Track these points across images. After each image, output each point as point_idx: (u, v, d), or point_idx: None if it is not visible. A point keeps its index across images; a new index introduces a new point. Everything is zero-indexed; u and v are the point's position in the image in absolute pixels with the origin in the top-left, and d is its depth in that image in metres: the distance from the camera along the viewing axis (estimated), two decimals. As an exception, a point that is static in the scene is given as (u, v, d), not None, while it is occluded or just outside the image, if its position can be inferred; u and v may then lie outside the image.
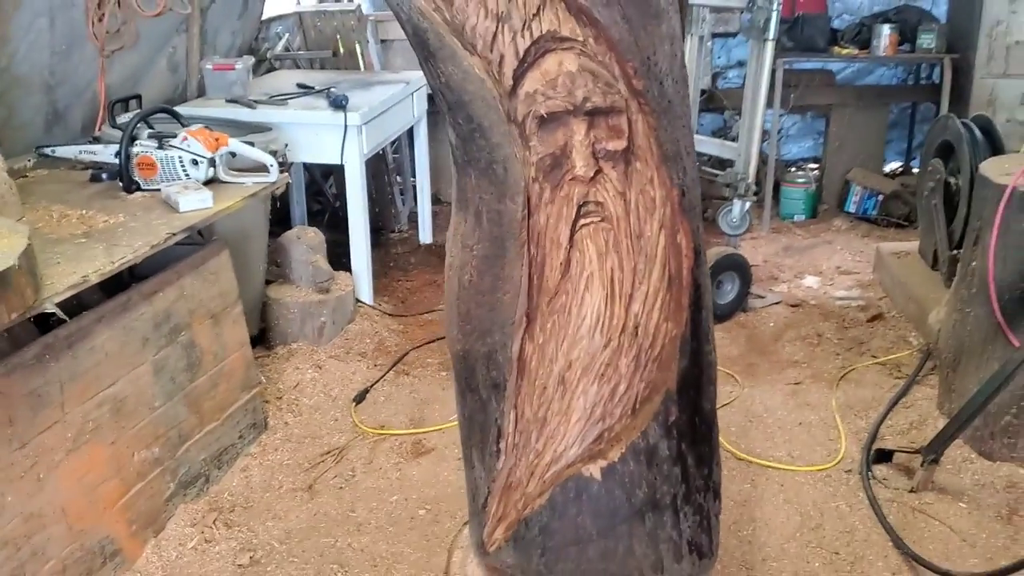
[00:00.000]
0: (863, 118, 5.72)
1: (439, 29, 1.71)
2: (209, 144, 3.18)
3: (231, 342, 3.17)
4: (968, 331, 3.06)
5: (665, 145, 1.83)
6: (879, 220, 5.50)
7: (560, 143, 1.78)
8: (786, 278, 4.75)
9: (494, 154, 1.77)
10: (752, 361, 3.84)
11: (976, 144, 3.88)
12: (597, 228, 1.80)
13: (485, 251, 1.81)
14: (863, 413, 3.40)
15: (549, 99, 1.75)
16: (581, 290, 1.80)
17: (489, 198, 1.80)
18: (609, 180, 1.80)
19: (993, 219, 2.86)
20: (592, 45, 1.77)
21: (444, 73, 1.75)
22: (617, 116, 1.79)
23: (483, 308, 1.82)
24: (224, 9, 4.68)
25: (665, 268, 1.85)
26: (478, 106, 1.74)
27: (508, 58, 1.73)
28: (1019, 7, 4.99)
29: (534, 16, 1.73)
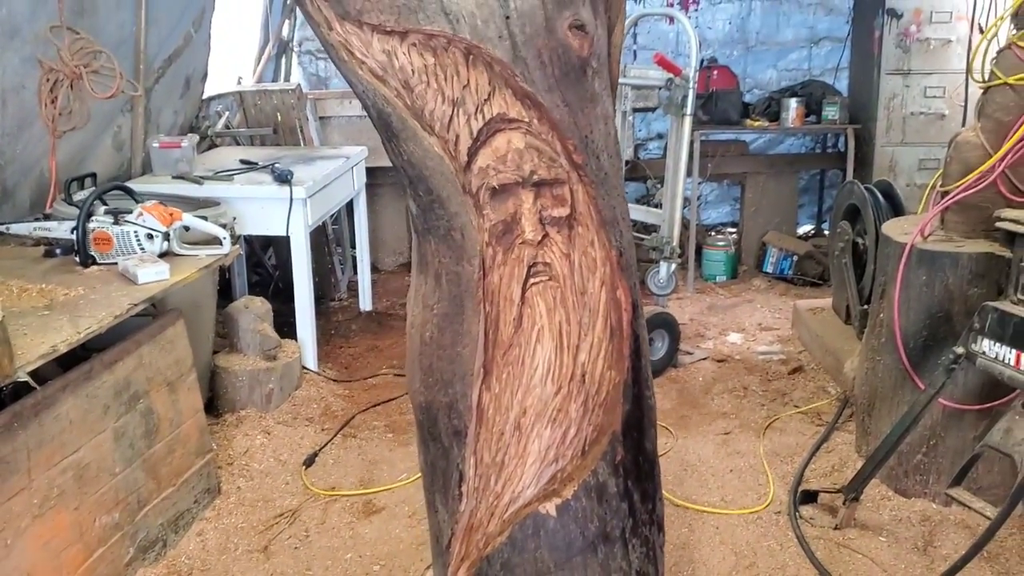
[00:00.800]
0: (775, 185, 6.11)
1: (401, 113, 1.91)
2: (164, 219, 3.31)
3: (186, 409, 3.27)
4: (880, 378, 3.33)
5: (603, 211, 2.05)
6: (795, 279, 5.84)
7: (511, 211, 1.98)
8: (712, 335, 5.01)
9: (452, 222, 1.96)
10: (684, 414, 4.06)
11: (879, 207, 4.22)
12: (546, 286, 2.00)
13: (445, 309, 1.99)
14: (788, 458, 3.63)
15: (500, 173, 1.96)
16: (533, 342, 1.99)
17: (448, 261, 1.99)
18: (555, 243, 2.01)
19: (896, 275, 3.15)
20: (536, 125, 1.99)
21: (406, 151, 1.95)
22: (560, 187, 2.00)
23: (444, 361, 1.99)
24: (167, 89, 4.85)
25: (607, 321, 2.05)
26: (437, 180, 1.94)
27: (463, 137, 1.94)
28: (911, 82, 5.45)
29: (485, 101, 1.95)
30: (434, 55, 1.92)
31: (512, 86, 1.98)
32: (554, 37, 1.97)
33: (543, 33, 1.96)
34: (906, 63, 5.43)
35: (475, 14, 1.90)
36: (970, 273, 3.02)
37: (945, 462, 3.16)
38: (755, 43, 6.54)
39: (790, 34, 6.55)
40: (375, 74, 1.92)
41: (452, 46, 1.93)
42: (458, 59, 1.93)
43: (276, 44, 6.17)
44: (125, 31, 4.36)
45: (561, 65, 1.98)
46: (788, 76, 6.50)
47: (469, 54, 1.94)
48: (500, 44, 1.93)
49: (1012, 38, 2.95)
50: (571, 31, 1.98)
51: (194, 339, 3.78)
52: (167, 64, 4.82)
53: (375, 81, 1.91)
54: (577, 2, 1.99)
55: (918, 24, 5.34)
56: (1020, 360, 2.56)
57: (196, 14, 4.98)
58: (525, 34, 1.94)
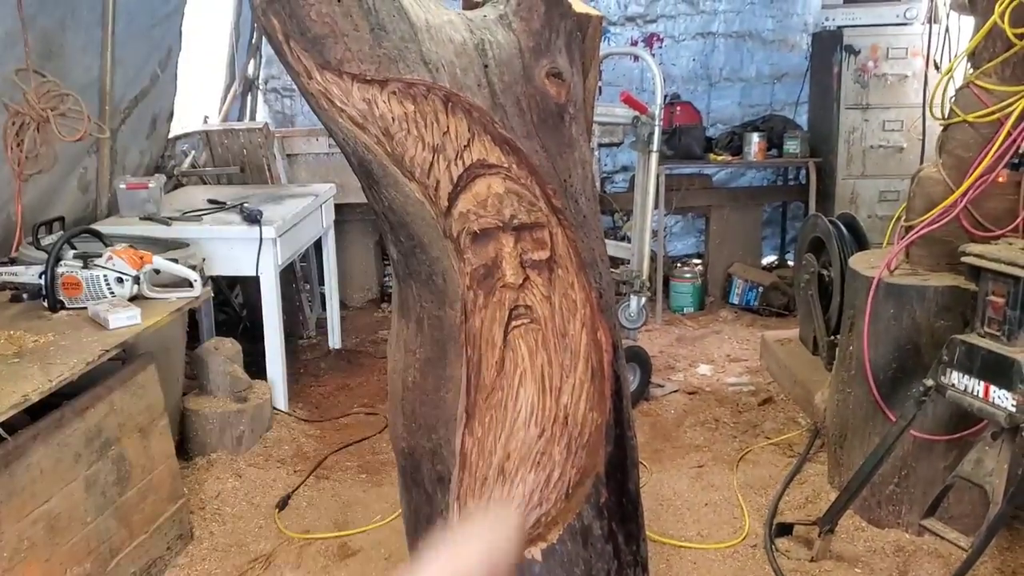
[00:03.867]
0: (739, 217, 6.19)
1: (382, 160, 1.92)
2: (134, 262, 3.29)
3: (158, 454, 3.22)
4: (850, 410, 3.37)
5: (583, 254, 2.07)
6: (761, 310, 5.91)
7: (491, 255, 2.00)
8: (682, 367, 5.05)
9: (433, 267, 1.97)
10: (658, 447, 4.08)
11: (843, 239, 4.30)
12: (527, 329, 2.02)
13: (427, 354, 2.00)
14: (762, 491, 3.66)
15: (480, 217, 1.97)
16: (515, 386, 2.00)
17: (430, 306, 1.99)
18: (536, 286, 2.03)
19: (864, 308, 3.21)
20: (516, 170, 2.01)
21: (387, 197, 1.96)
22: (540, 230, 2.02)
23: (427, 406, 1.99)
24: (133, 130, 4.82)
25: (588, 362, 2.07)
26: (418, 225, 1.96)
27: (443, 183, 1.96)
28: (870, 116, 5.57)
29: (465, 147, 1.97)
30: (414, 103, 1.94)
31: (491, 132, 2.00)
32: (532, 85, 2.00)
33: (521, 81, 1.99)
34: (864, 98, 5.55)
35: (454, 63, 1.92)
36: (937, 306, 3.09)
37: (917, 492, 3.20)
38: (719, 79, 6.65)
39: (753, 70, 6.67)
40: (355, 122, 1.93)
41: (432, 94, 1.95)
42: (437, 106, 1.95)
43: (242, 82, 6.17)
44: (92, 73, 4.34)
45: (539, 112, 2.01)
46: (751, 112, 6.61)
47: (448, 101, 1.96)
48: (479, 92, 1.95)
49: (969, 77, 3.04)
50: (548, 79, 2.02)
51: (164, 382, 3.74)
52: (133, 104, 4.80)
53: (355, 129, 1.93)
54: (554, 50, 2.02)
55: (875, 60, 5.47)
56: (988, 392, 2.62)
57: (162, 54, 4.97)
58: (504, 82, 1.97)
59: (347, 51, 1.88)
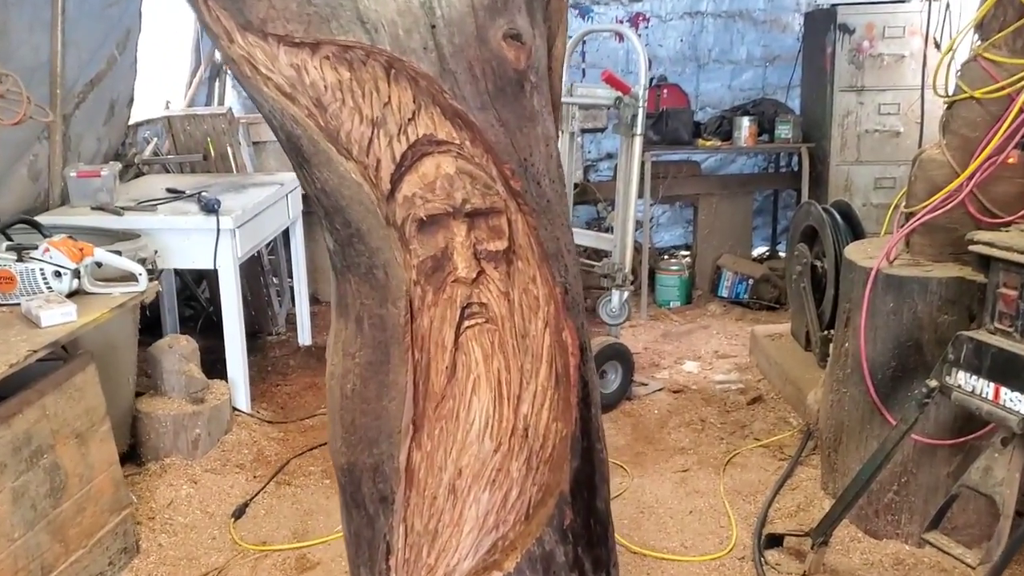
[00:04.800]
0: (729, 206, 5.94)
1: (313, 135, 1.67)
2: (73, 255, 3.04)
3: (99, 462, 2.98)
4: (846, 411, 3.14)
5: (546, 243, 1.83)
6: (751, 303, 5.67)
7: (441, 245, 1.75)
8: (667, 364, 4.81)
9: (374, 259, 1.73)
10: (640, 450, 3.84)
11: (838, 228, 4.06)
12: (482, 329, 1.77)
13: (368, 358, 1.75)
14: (751, 497, 3.43)
15: (428, 202, 1.73)
16: (468, 393, 1.76)
17: (370, 303, 1.75)
18: (492, 281, 1.78)
19: (861, 301, 2.97)
20: (469, 147, 1.77)
21: (319, 179, 1.71)
22: (497, 217, 1.78)
23: (368, 417, 1.75)
24: (89, 115, 4.56)
25: (552, 367, 1.83)
26: (355, 211, 1.71)
27: (385, 162, 1.71)
28: (865, 99, 5.33)
29: (409, 121, 1.72)
30: (350, 69, 1.69)
31: (440, 104, 1.75)
32: (487, 48, 1.75)
33: (474, 44, 1.74)
34: (859, 79, 5.31)
35: (396, 23, 1.67)
36: (940, 299, 2.85)
37: (918, 500, 2.97)
38: (708, 61, 6.40)
39: (743, 52, 6.42)
40: (282, 91, 1.68)
41: (371, 59, 1.70)
42: (377, 73, 1.70)
43: (209, 67, 5.90)
44: (41, 55, 4.08)
45: (495, 79, 1.77)
46: (742, 95, 6.36)
47: (391, 68, 1.71)
48: (425, 56, 1.70)
49: (977, 50, 2.79)
50: (506, 41, 1.77)
51: (112, 383, 3.51)
52: (89, 88, 4.53)
53: (283, 99, 1.68)
54: (512, 9, 1.77)
55: (871, 40, 5.23)
56: (999, 394, 2.38)
57: (120, 36, 4.71)
58: (454, 45, 1.72)
59: (271, 8, 1.63)
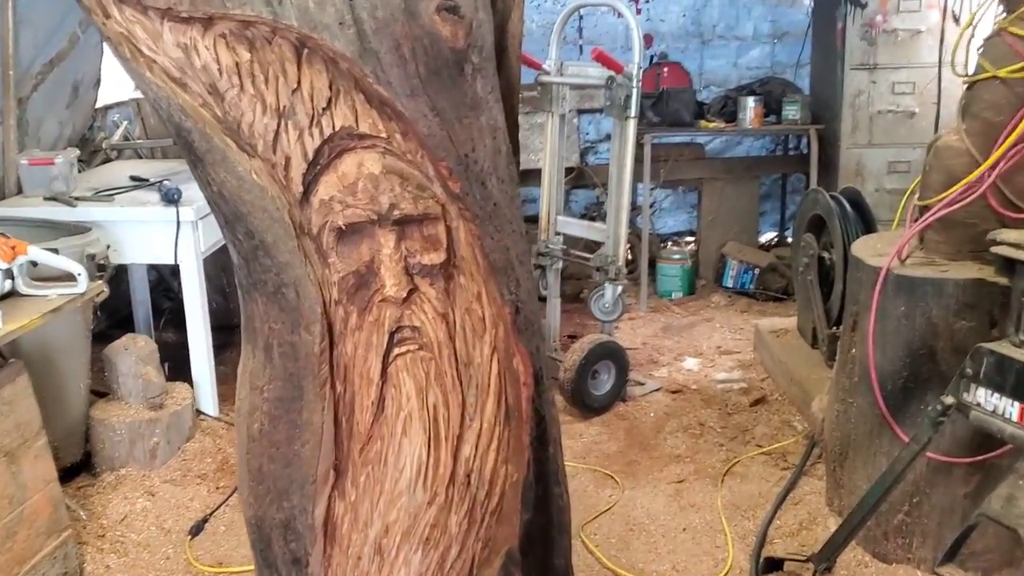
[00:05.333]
0: (734, 191, 5.63)
1: (205, 129, 1.39)
2: (3, 254, 2.78)
3: (33, 481, 2.72)
4: (852, 423, 2.85)
5: (492, 255, 1.55)
6: (757, 294, 5.37)
7: (365, 258, 1.48)
8: (666, 361, 4.53)
9: (282, 275, 1.45)
10: (632, 458, 3.57)
11: (847, 218, 3.76)
12: (415, 358, 1.50)
13: (278, 392, 1.48)
14: (750, 512, 3.16)
15: (348, 207, 1.45)
16: (398, 434, 1.48)
17: (280, 328, 1.48)
18: (427, 300, 1.51)
19: (869, 304, 2.68)
20: (399, 142, 1.49)
21: (215, 180, 1.44)
22: (432, 224, 1.50)
23: (277, 464, 1.48)
24: (48, 98, 4.29)
25: (500, 400, 1.55)
26: (259, 219, 1.43)
27: (295, 160, 1.43)
28: (878, 78, 5.00)
29: (324, 110, 1.44)
30: (251, 49, 1.41)
31: (364, 89, 1.47)
32: (417, 23, 1.46)
33: (401, 18, 1.45)
34: (872, 57, 4.98)
35: (304, -8, 1.39)
36: (957, 303, 2.55)
37: (931, 523, 2.69)
38: (712, 37, 6.06)
39: (750, 27, 6.09)
40: (170, 76, 1.40)
41: (278, 37, 1.42)
42: (285, 54, 1.42)
43: (186, 45, 5.60)
44: (-11, 32, 3.81)
45: (428, 60, 1.48)
46: (748, 74, 6.03)
47: (303, 47, 1.43)
48: (342, 33, 1.42)
49: (1002, 23, 2.48)
50: (440, 15, 1.47)
51: (61, 389, 3.27)
52: (48, 69, 4.26)
53: (170, 85, 1.40)
54: (447, -24, 1.49)
55: (884, 14, 4.89)
56: (1025, 416, 2.10)
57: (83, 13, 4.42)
58: (376, 20, 1.43)
59: (148, -23, 1.35)
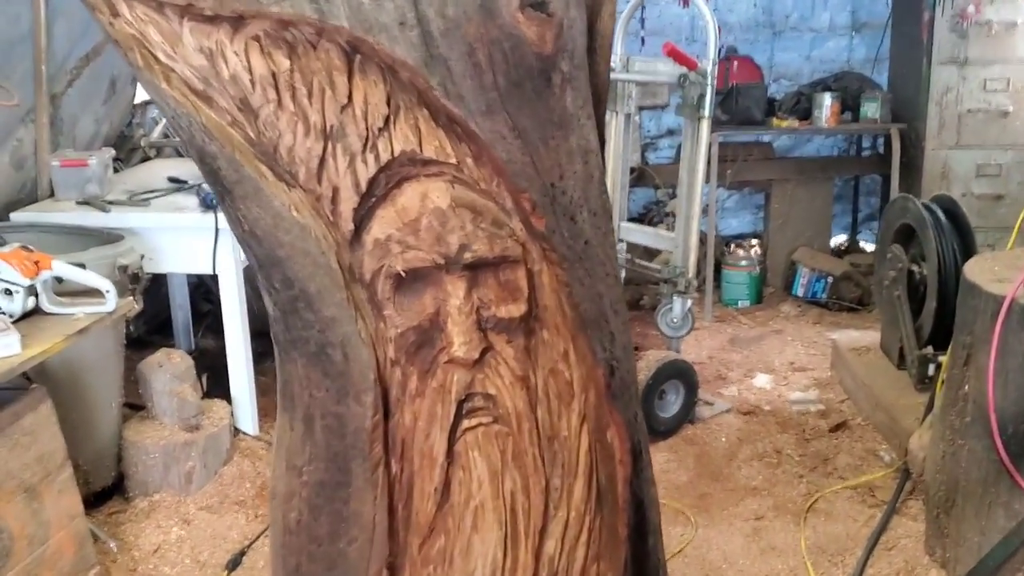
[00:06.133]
0: (806, 193, 5.27)
1: (235, 154, 1.13)
2: (26, 269, 2.56)
3: (57, 518, 2.51)
4: (963, 468, 2.53)
5: (583, 305, 1.27)
6: (830, 304, 5.02)
7: (429, 310, 1.21)
8: (735, 377, 4.22)
9: (327, 333, 1.18)
10: (705, 490, 3.27)
11: (941, 229, 3.43)
12: (488, 433, 1.23)
13: (320, 475, 1.22)
14: (838, 557, 2.85)
15: (409, 249, 1.18)
16: (467, 529, 1.21)
17: (324, 396, 1.21)
18: (503, 361, 1.23)
19: (989, 337, 2.35)
20: (472, 168, 1.21)
21: (247, 218, 1.17)
22: (511, 269, 1.23)
23: (319, 564, 1.21)
24: (84, 94, 4.08)
25: (590, 482, 1.27)
26: (300, 264, 1.17)
27: (345, 192, 1.17)
28: (969, 74, 4.62)
29: (381, 131, 1.17)
30: (291, 55, 1.14)
31: (430, 104, 1.20)
32: (495, 24, 1.18)
33: (476, 16, 1.17)
34: (962, 51, 4.60)
35: (357, -14, 1.12)
36: (1097, 339, 2.23)
37: (1058, 587, 2.37)
38: (784, 28, 5.70)
39: (826, 18, 5.72)
40: (192, 88, 1.14)
41: (324, 40, 1.15)
42: (333, 62, 1.15)
43: (229, 38, 5.39)
44: (21, 26, 3.59)
45: (508, 69, 1.20)
46: (822, 68, 5.66)
47: (355, 53, 1.16)
48: (403, 35, 1.14)
49: None
50: (524, 13, 1.19)
51: (91, 409, 3.06)
52: (83, 64, 4.05)
53: (191, 100, 1.13)
54: (533, -35, 1.21)
55: (977, 4, 4.51)
56: None
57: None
58: (446, 19, 1.16)
59: (165, -34, 1.09)
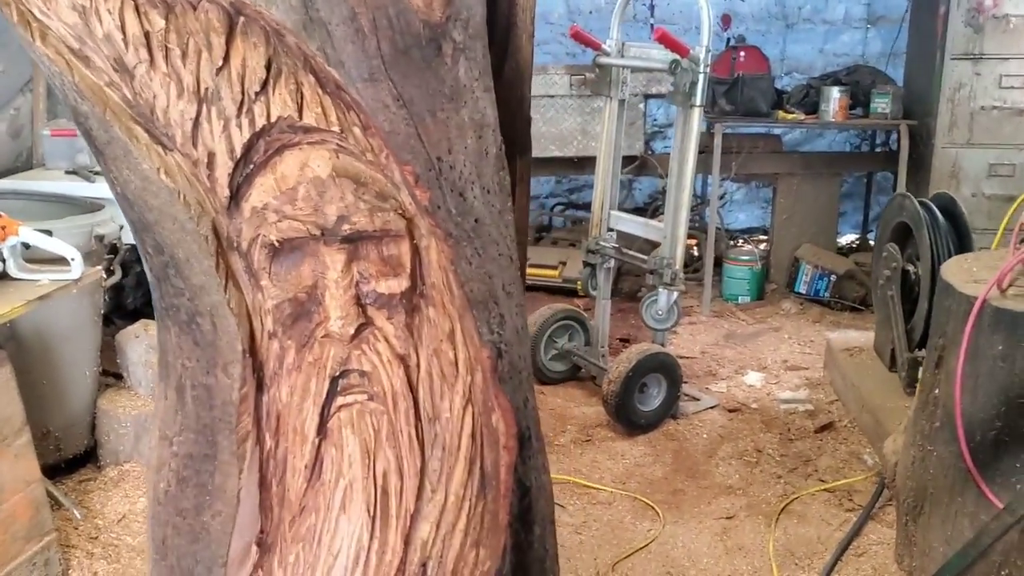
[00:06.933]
0: (812, 189, 5.16)
1: (105, 115, 1.10)
2: (-7, 234, 2.56)
3: (11, 482, 2.51)
4: (931, 474, 2.46)
5: (470, 284, 1.23)
6: (832, 303, 4.92)
7: (306, 282, 1.17)
8: (726, 374, 4.15)
9: (196, 302, 1.15)
10: (678, 486, 3.22)
11: (938, 228, 3.33)
12: (362, 411, 1.19)
13: (188, 447, 1.19)
14: (805, 560, 2.79)
15: (285, 218, 1.15)
16: (336, 508, 1.18)
17: (194, 366, 1.18)
18: (382, 338, 1.19)
19: (959, 338, 2.28)
20: (360, 138, 1.17)
21: (119, 179, 1.14)
22: (394, 243, 1.18)
23: (183, 537, 1.19)
24: (82, 63, 4.09)
25: (472, 467, 1.23)
26: (168, 229, 1.14)
27: (221, 157, 1.13)
28: (983, 69, 4.49)
29: (258, 95, 1.13)
30: (167, 15, 1.11)
31: (316, 71, 1.16)
32: (380, -13, 1.15)
33: (360, -20, 1.14)
34: (977, 45, 4.46)
35: (229, -58, 1.08)
36: (1068, 345, 2.15)
37: (1020, 600, 2.29)
38: (797, 20, 5.60)
39: (841, 10, 5.60)
40: (68, 46, 1.11)
41: (205, 1, 1.12)
42: (212, 22, 1.11)
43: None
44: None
45: (393, 36, 1.16)
46: (835, 61, 5.55)
47: (240, 15, 1.13)
48: (282, -3, 1.11)
49: None
50: (411, -23, 1.16)
51: (62, 377, 3.06)
52: (84, 33, 4.06)
53: (65, 58, 1.11)
54: (422, -73, 1.17)
55: (995, -3, 4.38)
56: None
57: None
58: (328, -20, 1.12)
59: (30, -83, 1.06)
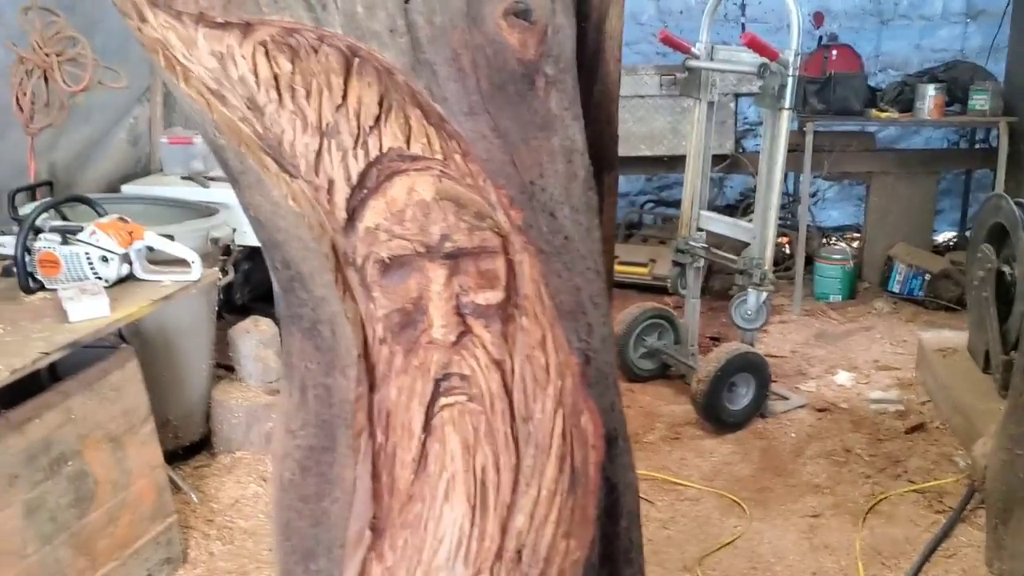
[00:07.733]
0: (907, 187, 5.11)
1: (240, 148, 1.25)
2: (122, 238, 2.78)
3: (138, 466, 2.73)
4: (1020, 478, 2.47)
5: (560, 296, 1.34)
6: (926, 302, 4.87)
7: (412, 294, 1.30)
8: (816, 373, 4.16)
9: (318, 311, 1.30)
10: (765, 484, 3.28)
11: (1034, 230, 3.31)
12: (463, 410, 1.32)
13: (310, 440, 1.33)
14: (892, 560, 2.82)
15: (394, 237, 1.28)
16: (440, 498, 1.31)
17: (315, 368, 1.32)
18: (480, 344, 1.32)
19: (1046, 344, 2.29)
20: (460, 165, 1.30)
21: (252, 205, 1.30)
22: (491, 259, 1.31)
23: (305, 520, 1.34)
24: (196, 74, 4.34)
25: (563, 464, 1.34)
26: (294, 248, 1.28)
27: (339, 184, 1.27)
28: (1087, 65, 4.39)
29: (371, 129, 1.26)
30: (293, 59, 1.25)
31: (420, 106, 1.29)
32: (480, 31, 1.26)
33: (462, 24, 1.25)
34: (1081, 41, 4.38)
35: (352, -6, 1.22)
36: None
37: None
38: (893, 16, 5.53)
39: (939, 5, 5.51)
40: (207, 87, 1.27)
41: (325, 45, 1.26)
42: (331, 65, 1.26)
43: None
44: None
45: (491, 74, 1.28)
46: (933, 57, 5.46)
47: (353, 57, 1.26)
48: (393, 42, 1.24)
49: None
50: (507, 20, 1.27)
51: (181, 370, 3.30)
52: (197, 45, 4.31)
53: (205, 98, 1.26)
54: (518, -26, 1.28)
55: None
56: None
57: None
58: (433, 26, 1.24)
59: (177, -23, 1.21)
